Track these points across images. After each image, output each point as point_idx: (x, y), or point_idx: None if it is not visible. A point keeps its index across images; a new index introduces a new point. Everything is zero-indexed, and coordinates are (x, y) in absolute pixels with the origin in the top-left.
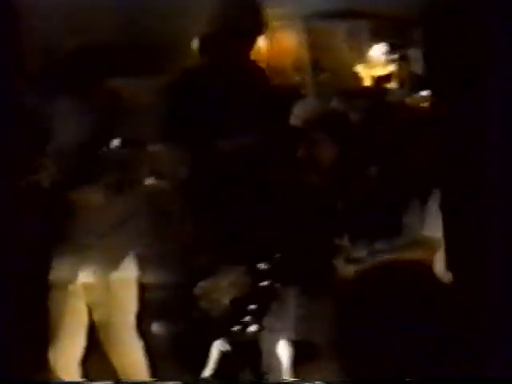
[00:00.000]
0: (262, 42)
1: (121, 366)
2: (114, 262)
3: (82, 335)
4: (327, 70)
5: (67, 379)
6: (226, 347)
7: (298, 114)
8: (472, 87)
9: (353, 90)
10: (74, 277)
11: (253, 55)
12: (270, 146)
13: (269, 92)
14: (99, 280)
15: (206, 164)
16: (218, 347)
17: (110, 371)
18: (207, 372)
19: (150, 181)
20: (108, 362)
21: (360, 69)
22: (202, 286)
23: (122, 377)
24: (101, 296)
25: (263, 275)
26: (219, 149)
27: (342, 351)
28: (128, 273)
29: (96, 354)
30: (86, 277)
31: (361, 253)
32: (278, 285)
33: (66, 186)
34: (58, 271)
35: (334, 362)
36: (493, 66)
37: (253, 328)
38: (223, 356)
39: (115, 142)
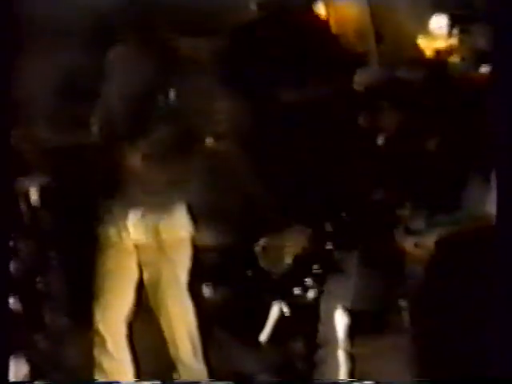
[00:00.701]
0: (324, 10)
1: (168, 329)
2: (167, 221)
3: (130, 294)
4: (389, 40)
5: (112, 338)
6: (285, 310)
7: (361, 80)
8: None
9: (414, 61)
10: (125, 234)
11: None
12: (332, 103)
13: (332, 49)
14: (151, 238)
15: (269, 118)
16: (276, 310)
17: (155, 332)
18: (263, 336)
19: (209, 140)
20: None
21: (421, 40)
22: (262, 243)
23: (169, 340)
24: (152, 254)
25: (326, 237)
26: (282, 101)
27: (400, 324)
28: (181, 231)
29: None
30: (137, 234)
31: (420, 225)
32: (339, 250)
33: (117, 140)
34: (110, 228)
35: (389, 335)
36: None
37: (312, 292)
38: (280, 320)
39: (172, 94)
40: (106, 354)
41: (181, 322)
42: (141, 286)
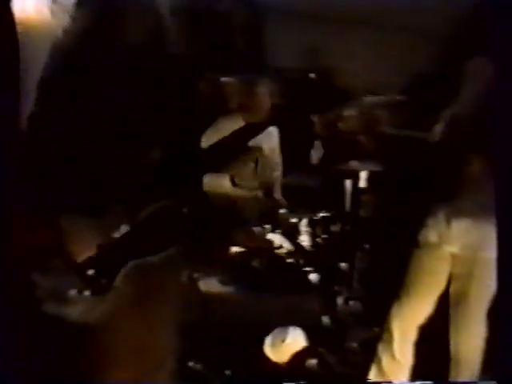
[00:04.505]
0: None
1: (456, 345)
2: (485, 239)
3: (433, 301)
4: None
5: (400, 339)
6: None
7: None
8: None
9: None
10: (446, 242)
11: None
12: None
13: None
14: (468, 252)
15: None
16: None
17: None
18: None
19: None
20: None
21: None
22: None
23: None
24: (466, 268)
25: None
26: None
27: None
28: (495, 255)
29: None
30: (456, 245)
31: None
32: None
33: (461, 145)
34: (431, 232)
35: None
36: None
37: None
38: None
39: None
40: (389, 353)
41: (469, 344)
42: (444, 296)
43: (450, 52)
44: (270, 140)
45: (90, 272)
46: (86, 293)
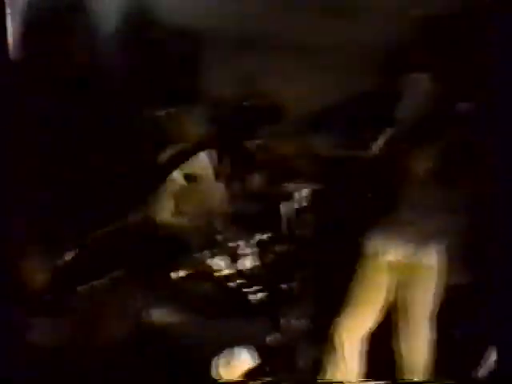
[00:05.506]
0: None
1: (406, 350)
2: (424, 246)
3: (378, 312)
4: None
5: (346, 350)
6: None
7: None
8: None
9: None
10: (386, 251)
11: None
12: None
13: None
14: (407, 260)
15: None
16: None
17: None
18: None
19: None
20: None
21: None
22: None
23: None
24: (405, 277)
25: None
26: None
27: None
28: (433, 261)
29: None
30: (394, 254)
31: None
32: None
33: (401, 153)
34: (372, 243)
35: None
36: None
37: None
38: None
39: None
40: (334, 364)
41: (417, 350)
42: (388, 306)
43: (387, 70)
44: (202, 166)
45: (46, 297)
46: (45, 317)
